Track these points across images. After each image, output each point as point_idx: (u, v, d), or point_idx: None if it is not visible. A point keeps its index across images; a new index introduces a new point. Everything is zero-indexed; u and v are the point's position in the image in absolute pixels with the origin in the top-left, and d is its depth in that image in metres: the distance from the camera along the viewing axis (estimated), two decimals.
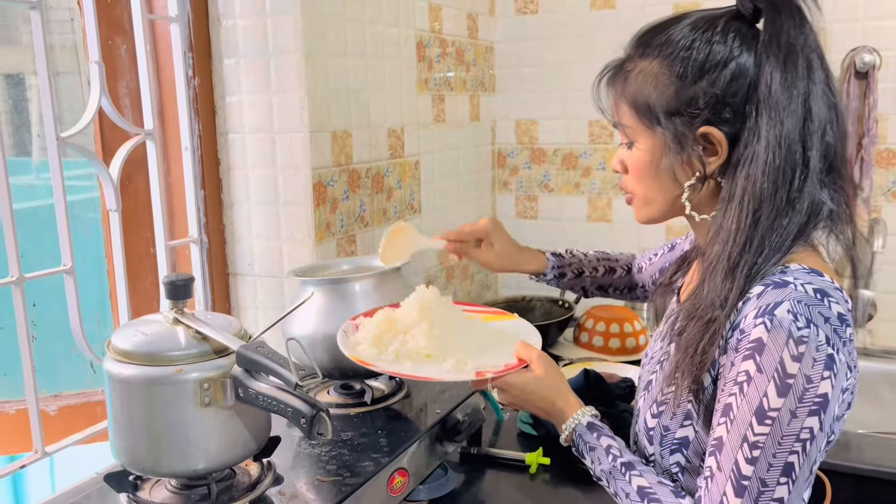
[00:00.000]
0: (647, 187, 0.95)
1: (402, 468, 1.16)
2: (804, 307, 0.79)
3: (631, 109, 0.93)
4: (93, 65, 1.33)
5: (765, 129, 0.83)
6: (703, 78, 0.87)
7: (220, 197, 1.58)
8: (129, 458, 1.00)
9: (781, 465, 0.77)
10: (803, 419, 0.77)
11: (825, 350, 0.78)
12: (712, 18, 0.89)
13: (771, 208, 0.84)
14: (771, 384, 0.77)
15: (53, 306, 1.46)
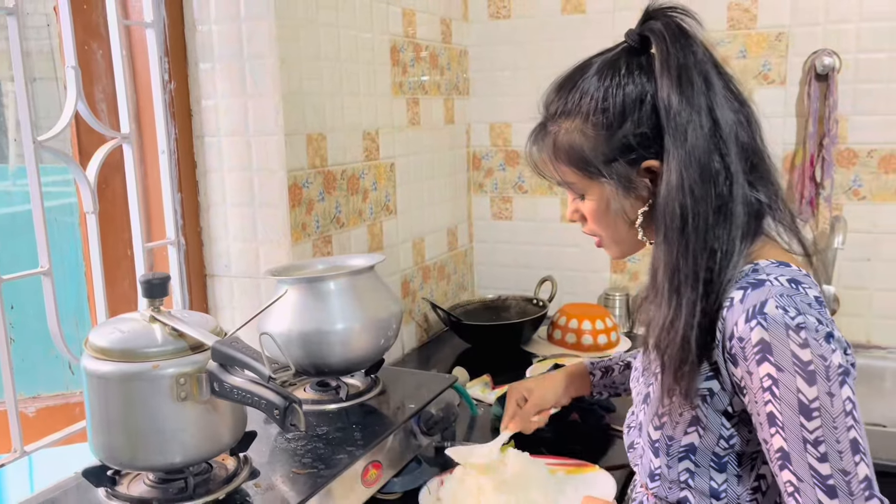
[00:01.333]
0: (609, 230, 0.99)
1: (376, 461, 1.19)
2: (787, 299, 0.82)
3: (570, 167, 0.96)
4: (69, 69, 1.35)
5: (673, 148, 0.87)
6: (626, 121, 0.91)
7: (197, 199, 1.61)
8: (106, 454, 1.02)
9: (848, 445, 0.79)
10: (839, 394, 0.79)
11: (823, 330, 0.81)
12: (613, 61, 0.93)
13: (696, 220, 0.87)
14: (797, 378, 0.80)
15: (32, 309, 1.47)
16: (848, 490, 0.79)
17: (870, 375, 1.91)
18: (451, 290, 2.26)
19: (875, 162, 1.91)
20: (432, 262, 2.13)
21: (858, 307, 1.98)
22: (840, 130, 1.91)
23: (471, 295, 2.36)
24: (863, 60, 1.88)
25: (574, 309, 2.03)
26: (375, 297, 1.38)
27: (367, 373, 1.45)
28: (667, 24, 0.91)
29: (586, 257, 2.23)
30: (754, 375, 0.83)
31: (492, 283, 2.38)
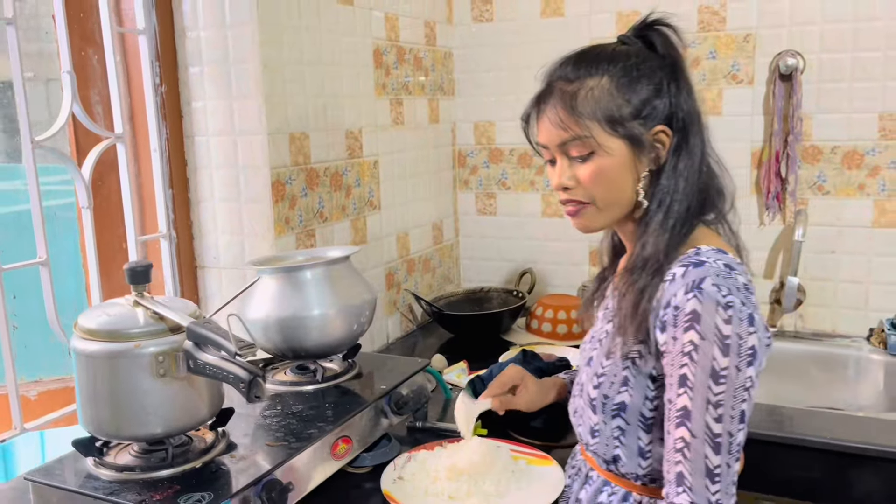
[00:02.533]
0: (608, 190, 1.03)
1: (346, 436, 1.29)
2: (722, 279, 0.92)
3: (592, 121, 1.01)
4: (64, 74, 1.46)
5: (689, 130, 1.02)
6: (652, 88, 1.01)
7: (188, 195, 1.71)
8: (94, 426, 1.13)
9: (738, 414, 0.91)
10: (745, 371, 0.90)
11: (746, 311, 0.91)
12: (627, 39, 1.06)
13: (700, 184, 1.02)
14: (714, 347, 0.90)
15: (34, 298, 1.57)
16: (728, 449, 0.91)
17: (834, 363, 1.99)
18: (437, 282, 2.35)
19: (838, 158, 1.98)
20: (417, 256, 2.23)
21: (824, 298, 2.05)
22: (805, 128, 1.99)
23: (456, 287, 2.45)
24: (826, 60, 1.95)
25: (551, 300, 2.12)
26: (350, 286, 1.47)
27: (345, 357, 1.55)
28: (669, 31, 1.05)
29: (567, 251, 2.32)
30: (678, 340, 0.93)
31: (477, 275, 2.47)
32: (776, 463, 1.53)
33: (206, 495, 1.05)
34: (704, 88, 2.09)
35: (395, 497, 1.22)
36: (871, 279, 2.00)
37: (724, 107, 2.08)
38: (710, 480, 0.91)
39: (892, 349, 1.90)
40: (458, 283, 2.49)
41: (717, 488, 0.91)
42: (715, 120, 2.09)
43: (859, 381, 1.95)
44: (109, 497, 1.06)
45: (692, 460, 0.91)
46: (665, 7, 2.10)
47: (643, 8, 2.09)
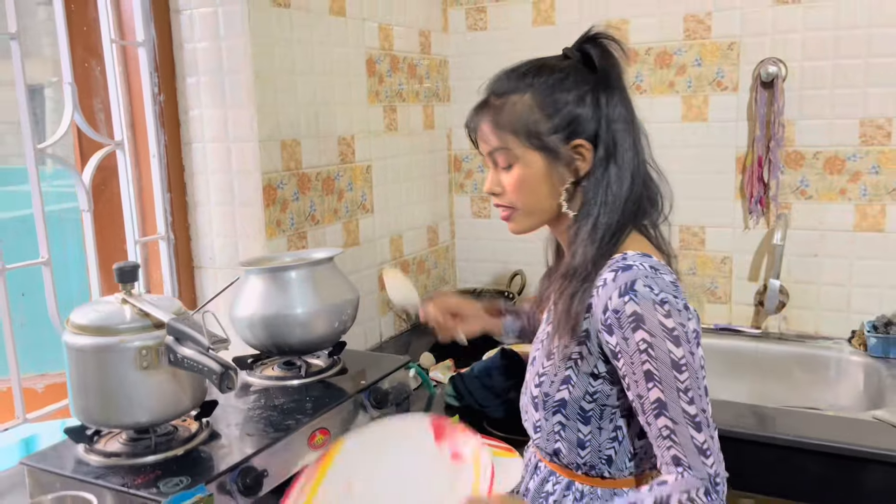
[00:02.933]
0: (529, 199, 1.10)
1: (323, 427, 1.36)
2: (651, 280, 0.99)
3: (511, 135, 1.08)
4: (66, 86, 1.55)
5: (618, 141, 1.06)
6: (571, 102, 1.06)
7: (185, 199, 1.79)
8: (84, 415, 1.21)
9: (703, 390, 1.00)
10: (697, 352, 0.99)
11: (679, 303, 0.99)
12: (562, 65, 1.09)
13: (629, 194, 1.06)
14: (666, 342, 0.97)
15: (42, 296, 1.66)
16: (706, 423, 0.99)
17: (816, 364, 2.03)
18: (432, 283, 2.42)
19: (820, 163, 2.02)
20: (411, 257, 2.30)
21: (807, 300, 2.09)
22: (788, 134, 2.03)
23: (452, 288, 2.52)
24: (808, 68, 1.99)
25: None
26: (332, 286, 1.55)
27: (331, 354, 1.62)
28: (610, 45, 1.08)
29: None
30: (630, 341, 0.99)
31: (472, 276, 2.53)
32: (760, 462, 1.57)
33: (185, 479, 1.13)
34: (690, 95, 2.14)
35: None
36: (853, 282, 2.04)
37: (710, 113, 2.12)
38: (703, 456, 0.98)
39: (871, 350, 1.93)
40: (454, 284, 2.56)
41: (711, 461, 0.99)
42: (700, 126, 2.14)
43: (840, 382, 1.99)
44: (96, 481, 1.15)
45: (682, 444, 0.98)
46: (654, 16, 2.16)
47: (631, 16, 2.16)
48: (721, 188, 2.14)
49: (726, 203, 2.14)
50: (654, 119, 2.17)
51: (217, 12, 1.67)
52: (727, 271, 2.17)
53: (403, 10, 2.19)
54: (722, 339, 2.15)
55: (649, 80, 2.18)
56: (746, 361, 2.11)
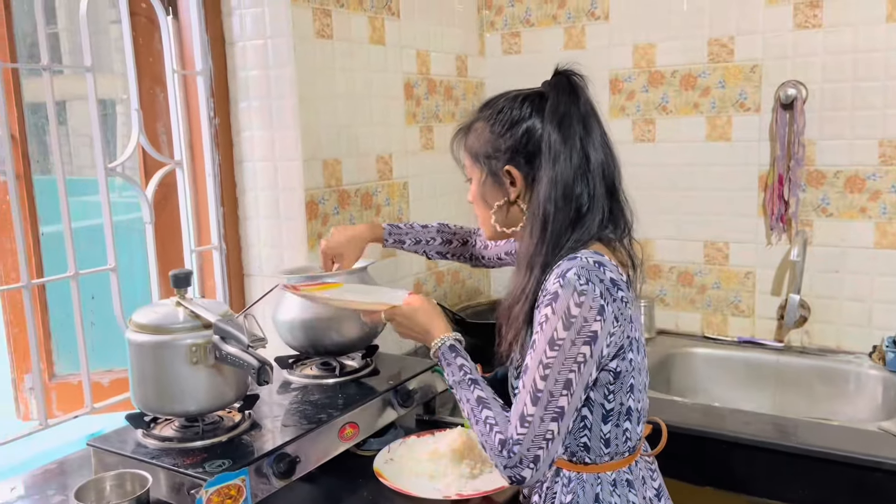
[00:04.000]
0: (479, 209, 1.29)
1: (353, 422, 1.50)
2: (586, 272, 1.11)
3: (467, 154, 1.29)
4: (133, 112, 1.74)
5: (546, 170, 1.16)
6: (506, 133, 1.21)
7: (237, 213, 1.97)
8: (143, 404, 1.38)
9: (563, 380, 1.09)
10: (580, 346, 1.09)
11: (599, 301, 1.09)
12: (523, 95, 1.22)
13: (556, 224, 1.16)
14: (560, 322, 1.09)
15: (110, 299, 1.85)
16: (545, 404, 1.09)
17: (836, 378, 2.08)
18: (466, 292, 2.55)
19: (841, 182, 2.08)
20: (445, 268, 2.43)
21: (829, 315, 2.15)
22: (808, 153, 2.09)
23: (486, 298, 2.64)
24: (828, 90, 2.06)
25: None
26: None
27: (364, 356, 1.77)
28: (560, 81, 1.20)
29: None
30: (539, 313, 1.12)
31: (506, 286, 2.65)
32: (781, 471, 1.65)
33: (227, 462, 1.28)
34: (714, 116, 2.22)
35: (383, 474, 1.43)
36: (874, 298, 2.08)
37: (733, 133, 2.20)
38: (520, 424, 1.10)
39: (890, 365, 1.98)
40: (489, 294, 2.68)
41: (523, 432, 1.09)
42: (724, 145, 2.22)
43: (859, 395, 2.04)
44: (151, 461, 1.31)
45: (516, 404, 1.12)
46: (679, 39, 2.25)
47: (658, 40, 2.27)
48: (744, 205, 2.21)
49: (749, 220, 2.21)
50: (680, 138, 2.26)
51: (266, 44, 1.84)
52: (750, 286, 2.24)
53: (441, 37, 2.34)
54: (745, 351, 2.22)
55: (675, 101, 2.27)
56: (768, 374, 2.17)
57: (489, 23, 2.54)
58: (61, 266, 1.68)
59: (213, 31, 1.87)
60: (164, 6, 1.80)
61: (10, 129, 1.60)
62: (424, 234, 1.73)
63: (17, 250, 1.54)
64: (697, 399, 2.09)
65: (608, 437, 1.20)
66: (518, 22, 2.49)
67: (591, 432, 1.19)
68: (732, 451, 1.67)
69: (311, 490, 1.45)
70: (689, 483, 1.68)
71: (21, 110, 1.71)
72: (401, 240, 1.71)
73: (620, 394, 1.18)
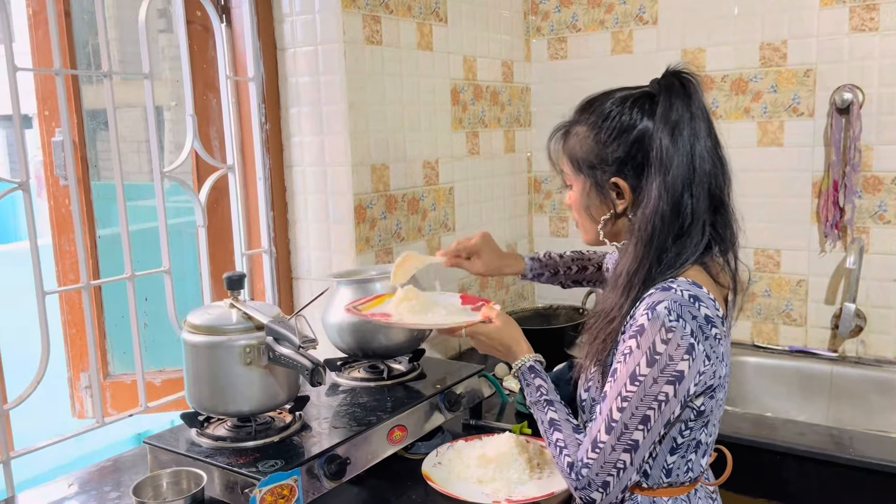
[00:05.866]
0: (581, 219, 1.26)
1: (402, 425, 1.51)
2: (678, 306, 1.06)
3: (567, 161, 1.23)
4: (188, 117, 1.78)
5: (655, 181, 1.11)
6: (613, 142, 1.15)
7: (286, 216, 2.00)
8: (197, 403, 1.41)
9: (641, 416, 1.06)
10: (662, 385, 1.06)
11: (688, 339, 1.05)
12: (627, 97, 1.17)
13: (660, 239, 1.11)
14: (643, 357, 1.06)
15: (162, 301, 1.89)
16: (618, 435, 1.08)
17: (892, 388, 2.02)
18: (510, 298, 2.55)
19: None
20: None
21: (886, 325, 2.09)
22: (865, 159, 2.05)
23: (530, 304, 2.63)
24: (885, 94, 2.01)
25: None
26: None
27: (411, 360, 1.77)
28: (672, 82, 1.14)
29: None
30: (624, 344, 1.10)
31: (549, 293, 2.64)
32: (838, 484, 1.61)
33: (279, 462, 1.29)
34: (766, 121, 2.18)
35: (432, 477, 1.43)
36: None
37: (786, 138, 2.16)
38: (591, 448, 1.10)
39: None
40: (532, 300, 2.67)
41: (593, 457, 1.09)
42: (777, 151, 2.18)
43: None
44: (206, 459, 1.33)
45: (591, 429, 1.11)
46: (730, 44, 2.22)
47: (707, 45, 2.24)
48: (797, 212, 2.17)
49: (802, 226, 2.17)
50: (730, 144, 2.17)
51: (317, 50, 1.87)
52: (803, 294, 2.20)
53: (487, 43, 2.35)
54: (797, 361, 2.17)
55: (724, 105, 2.24)
56: (822, 384, 2.12)
57: (535, 28, 2.54)
58: (116, 268, 1.72)
59: (265, 37, 1.90)
60: (218, 14, 1.84)
61: (72, 135, 1.65)
62: (562, 265, 1.75)
63: (78, 252, 1.58)
64: (748, 409, 2.05)
65: (671, 467, 1.17)
66: (564, 27, 2.49)
67: (655, 461, 1.16)
68: (785, 463, 1.63)
69: (359, 492, 1.46)
70: (742, 494, 1.65)
71: (81, 116, 1.77)
72: (540, 273, 1.75)
73: (696, 429, 1.15)
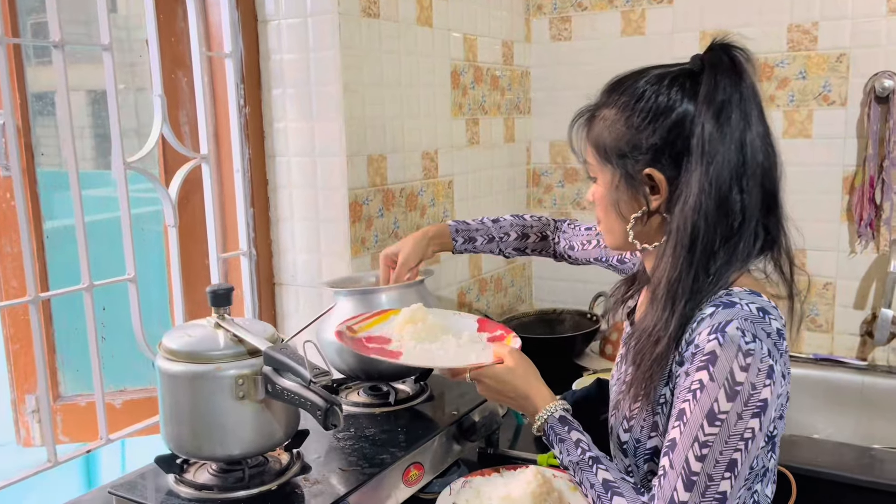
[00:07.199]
0: (606, 217, 1.06)
1: (418, 462, 1.29)
2: (750, 324, 0.89)
3: (593, 149, 1.04)
4: (155, 98, 1.51)
5: (696, 172, 0.92)
6: (647, 127, 0.97)
7: (268, 214, 1.75)
8: (175, 444, 1.16)
9: (726, 461, 0.87)
10: (747, 420, 0.87)
11: (767, 361, 0.88)
12: (664, 75, 0.99)
13: (705, 242, 0.93)
14: (721, 391, 0.87)
15: (121, 310, 1.63)
16: (702, 490, 0.87)
17: None
18: (509, 302, 2.33)
19: None
20: (489, 275, 2.22)
21: None
22: None
23: (528, 307, 2.43)
24: None
25: None
26: None
27: (417, 380, 1.55)
28: (719, 57, 0.96)
29: None
30: (689, 377, 0.91)
31: (549, 296, 2.44)
32: None
33: None
34: (793, 110, 2.01)
35: None
36: None
37: (814, 129, 1.99)
38: None
39: None
40: (531, 303, 2.47)
41: None
42: (804, 142, 2.01)
43: None
44: None
45: (663, 489, 0.90)
46: (754, 25, 2.04)
47: (729, 26, 2.05)
48: (825, 209, 2.00)
49: (831, 225, 2.00)
50: None
51: (307, 22, 1.62)
52: (829, 298, 2.04)
53: (487, 20, 2.12)
54: (822, 370, 2.01)
55: None
56: (851, 396, 1.97)
57: (536, 6, 2.32)
58: (66, 270, 1.45)
59: (244, 7, 1.64)
60: None
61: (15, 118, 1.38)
62: (497, 230, 1.51)
63: (24, 255, 1.31)
64: None
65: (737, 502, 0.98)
66: (569, 5, 2.27)
67: None
68: (810, 486, 1.45)
69: None
70: None
71: (25, 97, 1.49)
72: (471, 237, 1.50)
73: (764, 456, 0.97)
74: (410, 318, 1.32)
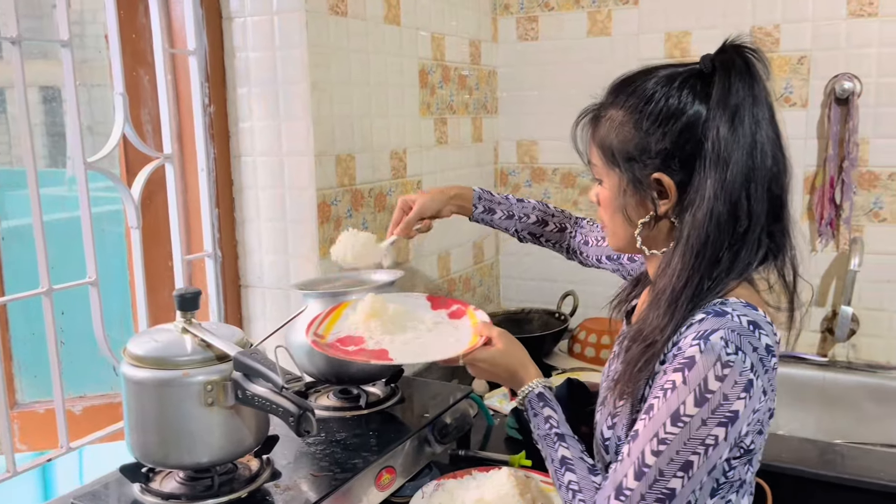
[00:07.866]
0: (612, 221, 1.04)
1: (390, 466, 1.27)
2: (736, 336, 0.88)
3: (599, 151, 1.02)
4: (117, 96, 1.47)
5: (709, 178, 0.91)
6: (657, 130, 0.95)
7: (233, 215, 1.71)
8: (141, 452, 1.12)
9: (682, 461, 0.87)
10: (712, 427, 0.87)
11: (747, 375, 0.87)
12: (674, 75, 0.97)
13: (713, 249, 0.92)
14: (691, 395, 0.87)
15: (80, 313, 1.58)
16: (650, 483, 0.88)
17: (887, 396, 1.92)
18: (477, 301, 2.33)
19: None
20: (458, 275, 2.21)
21: (879, 328, 1.99)
22: (861, 153, 1.93)
23: (496, 307, 2.43)
24: (884, 84, 1.90)
25: (594, 324, 2.09)
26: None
27: (388, 382, 1.53)
28: (732, 59, 0.94)
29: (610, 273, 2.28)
30: (665, 376, 0.91)
31: (517, 295, 2.44)
32: None
33: None
34: None
35: None
36: None
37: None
38: (615, 495, 0.90)
39: None
40: (498, 302, 2.47)
41: None
42: None
43: None
44: None
45: (616, 473, 0.91)
46: (718, 27, 2.07)
47: (694, 28, 2.07)
48: None
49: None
50: None
51: (272, 20, 1.59)
52: None
53: (455, 19, 2.11)
54: (784, 366, 2.04)
55: None
56: (813, 392, 2.01)
57: (503, 6, 2.32)
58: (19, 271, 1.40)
59: (208, 3, 1.61)
60: None
61: None
62: (519, 209, 1.50)
63: None
64: None
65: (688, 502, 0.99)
66: (535, 5, 2.27)
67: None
68: (774, 482, 1.47)
69: None
70: None
71: None
72: (491, 209, 1.48)
73: (740, 467, 0.97)
74: (372, 312, 1.30)
